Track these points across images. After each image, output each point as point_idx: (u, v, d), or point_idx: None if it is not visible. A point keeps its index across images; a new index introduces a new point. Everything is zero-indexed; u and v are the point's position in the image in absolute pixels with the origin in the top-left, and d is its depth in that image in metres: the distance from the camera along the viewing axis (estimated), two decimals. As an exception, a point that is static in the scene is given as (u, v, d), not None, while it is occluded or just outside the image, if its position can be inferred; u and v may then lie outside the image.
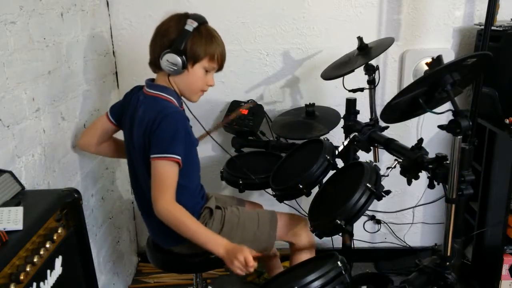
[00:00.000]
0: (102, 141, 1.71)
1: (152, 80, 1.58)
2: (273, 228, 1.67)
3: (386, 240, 2.54)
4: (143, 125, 1.47)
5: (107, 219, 2.08)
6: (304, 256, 1.69)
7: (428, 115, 1.35)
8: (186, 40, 1.45)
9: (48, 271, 1.04)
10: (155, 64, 1.51)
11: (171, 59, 1.45)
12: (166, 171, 1.43)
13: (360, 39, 1.87)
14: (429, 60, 1.28)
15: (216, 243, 1.43)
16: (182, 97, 1.58)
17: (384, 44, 1.82)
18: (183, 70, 1.48)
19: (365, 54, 1.85)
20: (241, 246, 1.40)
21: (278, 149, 2.07)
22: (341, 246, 1.98)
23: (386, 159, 2.13)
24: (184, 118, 1.49)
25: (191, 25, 1.46)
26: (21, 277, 0.91)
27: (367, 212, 1.66)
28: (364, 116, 2.03)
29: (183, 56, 1.45)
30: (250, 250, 1.39)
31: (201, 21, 1.50)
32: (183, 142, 1.45)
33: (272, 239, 1.67)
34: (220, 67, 1.57)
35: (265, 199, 2.20)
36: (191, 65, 1.49)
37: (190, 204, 1.56)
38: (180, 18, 1.49)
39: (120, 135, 1.69)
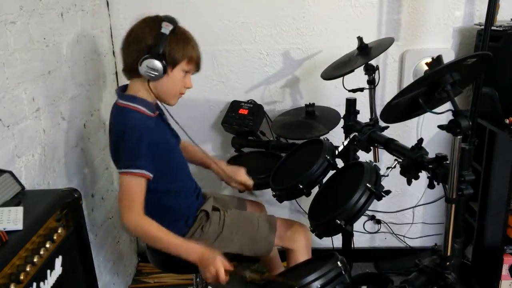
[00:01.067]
0: None
1: (124, 87, 1.55)
2: (272, 233, 1.66)
3: (386, 240, 2.54)
4: (111, 137, 1.48)
5: (107, 219, 2.08)
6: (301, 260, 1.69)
7: (428, 115, 1.35)
8: (164, 44, 1.42)
9: (48, 271, 1.04)
10: (130, 70, 1.48)
11: (150, 64, 1.41)
12: (130, 186, 1.41)
13: (360, 39, 1.87)
14: (429, 60, 1.28)
15: (189, 251, 1.40)
16: (160, 102, 1.55)
17: (384, 44, 1.82)
18: (163, 75, 1.44)
19: (365, 54, 1.85)
20: (214, 257, 1.36)
21: (278, 149, 2.07)
22: (341, 246, 1.98)
23: (386, 159, 2.13)
24: (147, 129, 1.44)
25: (167, 28, 1.43)
26: (21, 277, 0.91)
27: (367, 212, 1.66)
28: (364, 116, 2.03)
29: (163, 61, 1.42)
30: (224, 262, 1.36)
31: (175, 23, 1.47)
32: (147, 156, 1.42)
33: (271, 244, 1.67)
34: (197, 69, 1.55)
35: (265, 199, 2.20)
36: (171, 69, 1.46)
37: (184, 205, 1.55)
38: (154, 21, 1.46)
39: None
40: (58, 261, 1.08)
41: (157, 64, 1.41)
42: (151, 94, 1.49)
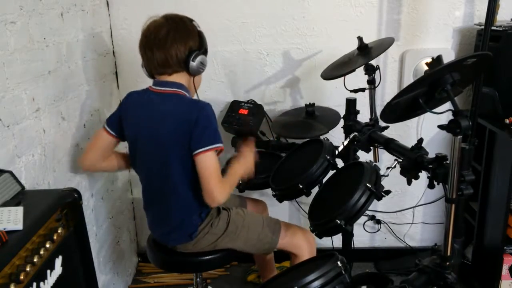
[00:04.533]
0: (105, 158, 1.65)
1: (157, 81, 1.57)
2: (276, 234, 1.69)
3: (386, 240, 2.54)
4: (176, 120, 1.47)
5: (107, 219, 2.08)
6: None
7: (428, 115, 1.35)
8: (204, 42, 1.55)
9: (48, 271, 1.04)
10: (176, 65, 1.51)
11: (203, 60, 1.54)
12: (215, 160, 1.47)
13: (360, 39, 1.87)
14: (429, 60, 1.28)
15: (239, 174, 1.63)
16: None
17: (384, 44, 1.82)
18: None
19: (365, 54, 1.85)
20: (246, 161, 1.67)
21: (278, 149, 2.07)
22: (341, 246, 1.98)
23: (386, 159, 2.13)
24: None
25: (198, 27, 1.54)
26: (21, 277, 0.91)
27: (367, 212, 1.66)
28: (364, 116, 2.03)
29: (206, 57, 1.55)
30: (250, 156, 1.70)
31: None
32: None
33: (274, 244, 1.69)
34: None
35: (265, 199, 2.20)
36: None
37: (202, 202, 1.56)
38: (187, 21, 1.53)
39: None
40: (58, 261, 1.08)
41: (205, 60, 1.55)
42: (192, 87, 1.59)
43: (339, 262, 1.25)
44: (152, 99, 1.53)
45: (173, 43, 1.48)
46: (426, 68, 1.30)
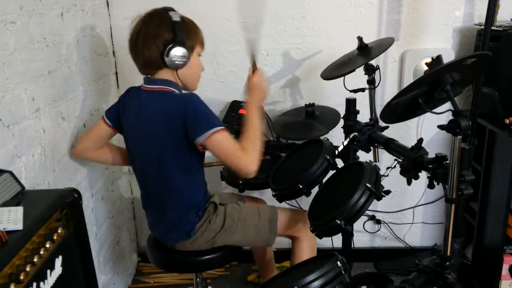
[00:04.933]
0: (99, 146, 1.69)
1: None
2: (274, 222, 1.69)
3: (386, 240, 2.54)
4: (165, 119, 1.47)
5: (107, 219, 2.08)
6: (306, 251, 1.71)
7: (428, 115, 1.35)
8: (181, 32, 1.48)
9: (48, 271, 1.04)
10: (155, 65, 1.50)
11: (178, 53, 1.47)
12: (228, 138, 1.46)
13: (360, 39, 1.87)
14: (429, 60, 1.28)
15: (256, 116, 1.58)
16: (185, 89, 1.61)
17: (384, 44, 1.82)
18: (188, 61, 1.51)
19: (365, 54, 1.85)
20: (258, 93, 1.65)
21: (278, 149, 2.07)
22: (341, 246, 1.98)
23: (386, 159, 2.13)
24: None
25: (176, 17, 1.48)
26: (21, 277, 0.91)
27: (367, 212, 1.66)
28: (364, 116, 2.03)
29: (185, 47, 1.49)
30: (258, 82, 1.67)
31: (175, 10, 1.53)
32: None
33: (273, 233, 1.69)
34: (203, 50, 1.63)
35: (265, 199, 2.20)
36: (191, 54, 1.53)
37: (200, 197, 1.56)
38: (161, 14, 1.50)
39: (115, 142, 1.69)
40: (58, 261, 1.08)
41: (183, 50, 1.48)
42: (179, 81, 1.55)
43: (339, 262, 1.25)
44: (142, 98, 1.54)
45: (143, 44, 1.48)
46: (426, 68, 1.30)
